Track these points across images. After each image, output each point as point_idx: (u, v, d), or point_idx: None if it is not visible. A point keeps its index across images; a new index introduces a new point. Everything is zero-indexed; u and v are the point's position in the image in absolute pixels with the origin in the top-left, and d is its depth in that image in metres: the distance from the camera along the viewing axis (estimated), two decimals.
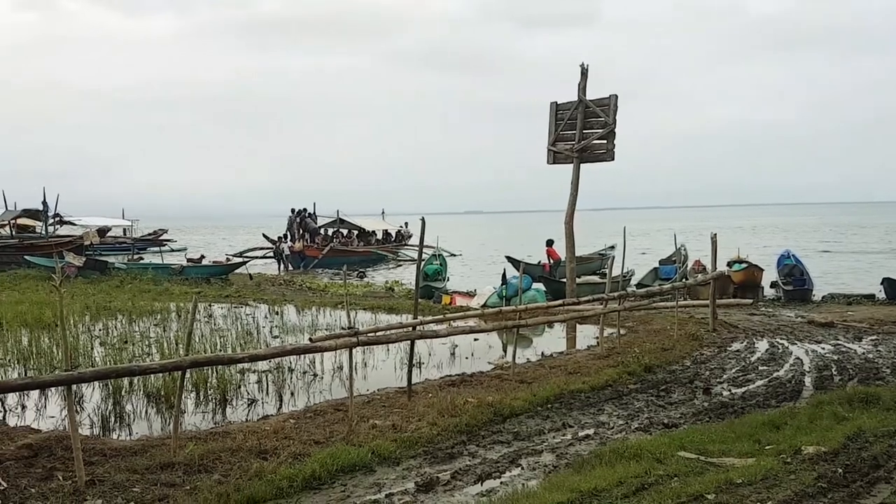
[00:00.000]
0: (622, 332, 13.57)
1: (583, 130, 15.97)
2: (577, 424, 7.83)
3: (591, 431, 7.59)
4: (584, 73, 15.94)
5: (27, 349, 11.36)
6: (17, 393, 8.76)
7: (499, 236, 73.18)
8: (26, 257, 26.88)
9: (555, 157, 16.60)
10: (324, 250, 33.86)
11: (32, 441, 6.75)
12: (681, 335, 12.86)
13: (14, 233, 31.46)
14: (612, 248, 29.98)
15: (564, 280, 17.28)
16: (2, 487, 5.73)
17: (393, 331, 8.78)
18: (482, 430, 7.56)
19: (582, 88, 15.94)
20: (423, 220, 9.02)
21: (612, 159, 15.90)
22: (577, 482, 5.59)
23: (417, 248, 9.70)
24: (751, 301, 16.71)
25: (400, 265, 36.60)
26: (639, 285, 20.25)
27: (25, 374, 9.99)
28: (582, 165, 16.16)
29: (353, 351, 7.97)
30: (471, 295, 18.81)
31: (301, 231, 34.57)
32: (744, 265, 20.41)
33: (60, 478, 5.99)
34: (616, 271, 15.10)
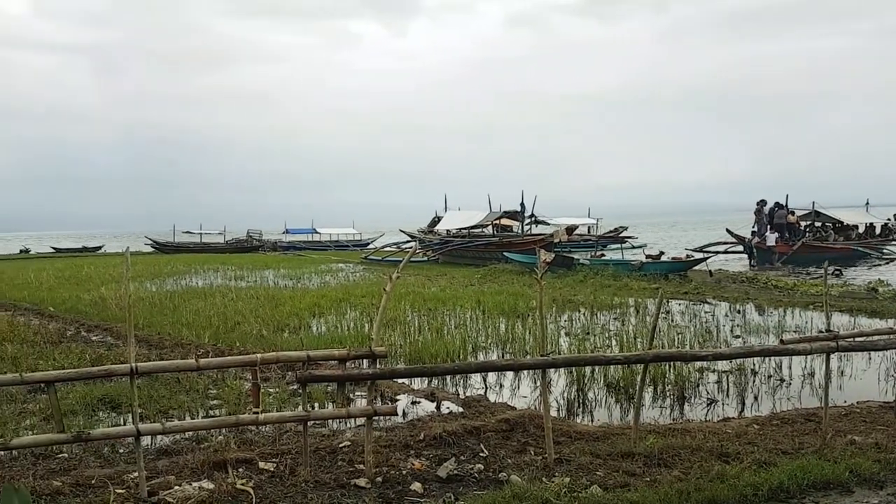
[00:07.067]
0: None
1: None
2: None
3: None
4: None
5: (504, 335, 12.76)
6: (497, 373, 9.85)
7: None
8: (504, 253, 30.33)
9: None
10: (794, 245, 31.36)
11: (509, 417, 7.46)
12: None
13: (495, 232, 35.70)
14: None
15: None
16: (484, 455, 6.47)
17: (881, 336, 7.57)
18: None
19: None
20: None
21: None
22: None
23: None
24: None
25: (887, 263, 31.98)
26: None
27: (503, 357, 11.21)
28: None
29: (830, 357, 7.12)
30: None
31: (770, 225, 32.36)
32: None
33: (532, 452, 6.52)
34: None
